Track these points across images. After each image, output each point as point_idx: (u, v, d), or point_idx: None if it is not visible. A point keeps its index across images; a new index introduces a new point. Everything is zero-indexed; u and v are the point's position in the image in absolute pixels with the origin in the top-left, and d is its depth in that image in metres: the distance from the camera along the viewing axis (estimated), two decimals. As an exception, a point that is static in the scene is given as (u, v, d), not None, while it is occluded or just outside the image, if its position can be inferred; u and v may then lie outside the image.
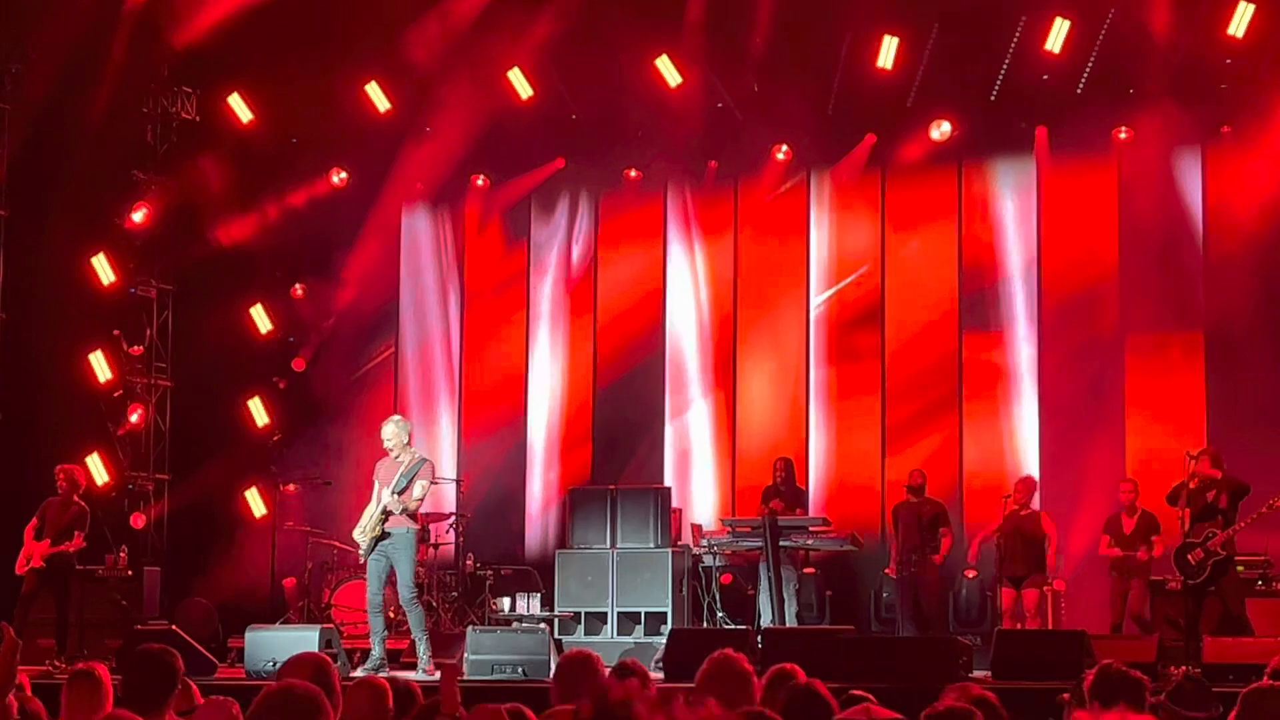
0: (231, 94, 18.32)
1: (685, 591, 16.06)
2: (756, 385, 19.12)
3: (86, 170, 17.16)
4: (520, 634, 13.78)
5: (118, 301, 18.23)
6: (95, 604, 16.05)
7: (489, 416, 19.76)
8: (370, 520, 13.32)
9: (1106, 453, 17.28)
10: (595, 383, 19.54)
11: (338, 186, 19.41)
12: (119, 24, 17.13)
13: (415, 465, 13.35)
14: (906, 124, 18.23)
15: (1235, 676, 11.55)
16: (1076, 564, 16.55)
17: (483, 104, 18.24)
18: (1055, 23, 16.65)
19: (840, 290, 18.89)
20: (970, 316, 18.43)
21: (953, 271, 18.53)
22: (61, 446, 16.52)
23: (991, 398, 18.30)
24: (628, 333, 19.52)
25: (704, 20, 17.20)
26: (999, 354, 18.37)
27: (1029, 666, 12.17)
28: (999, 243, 18.51)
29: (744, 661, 6.25)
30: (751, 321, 19.19)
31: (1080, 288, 18.03)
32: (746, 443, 18.91)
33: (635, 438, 19.28)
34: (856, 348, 18.80)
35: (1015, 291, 18.35)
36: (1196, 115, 17.38)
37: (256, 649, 13.52)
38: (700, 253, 19.43)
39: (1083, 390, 17.81)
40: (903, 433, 18.37)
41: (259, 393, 19.31)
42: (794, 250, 19.10)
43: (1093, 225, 18.07)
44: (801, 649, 12.74)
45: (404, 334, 20.06)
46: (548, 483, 19.30)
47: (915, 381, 18.48)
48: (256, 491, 18.97)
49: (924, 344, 18.53)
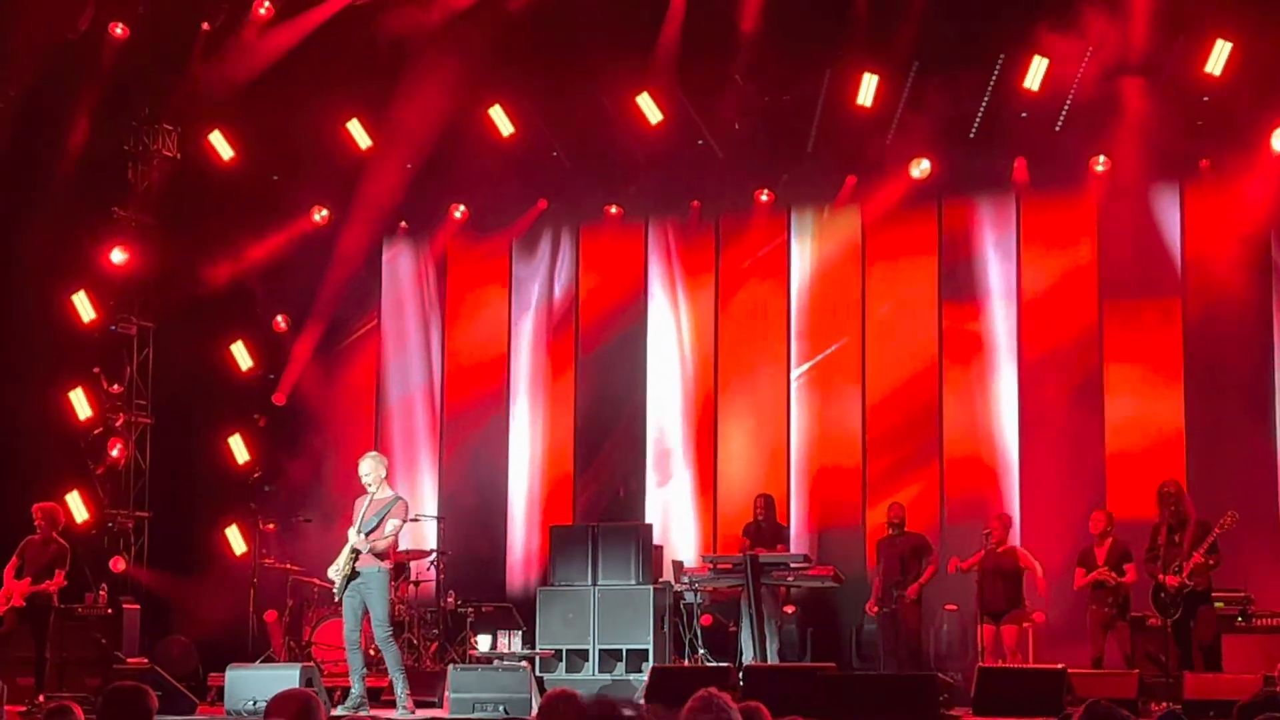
0: (212, 131, 18.36)
1: (667, 628, 16.03)
2: (737, 429, 19.09)
3: (66, 207, 17.16)
4: (502, 672, 13.74)
5: (98, 339, 18.21)
6: (75, 642, 15.97)
7: (470, 451, 19.72)
8: (342, 559, 13.30)
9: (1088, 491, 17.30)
10: (576, 420, 19.52)
11: (319, 224, 19.44)
12: (100, 60, 17.18)
13: (388, 504, 13.34)
14: (886, 162, 18.24)
15: (1216, 713, 11.61)
16: (1055, 597, 16.57)
17: (464, 140, 18.32)
18: (1034, 60, 16.74)
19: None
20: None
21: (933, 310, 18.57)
22: (41, 484, 16.46)
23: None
24: (610, 366, 19.51)
25: (682, 56, 17.29)
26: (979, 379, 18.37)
27: (1010, 703, 12.18)
28: (980, 279, 18.53)
29: (728, 700, 6.24)
30: (732, 370, 19.18)
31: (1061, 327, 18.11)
32: (727, 483, 18.92)
33: (617, 475, 19.27)
34: (840, 393, 18.79)
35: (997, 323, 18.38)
36: (1175, 150, 17.43)
37: (237, 687, 13.48)
38: (682, 292, 19.42)
39: (1062, 413, 17.85)
40: (883, 474, 18.38)
41: (239, 430, 19.29)
42: (776, 297, 19.10)
43: (1071, 264, 18.13)
44: (783, 686, 12.77)
45: (385, 368, 20.02)
46: (529, 520, 19.26)
47: (895, 432, 18.47)
48: (237, 529, 18.94)
49: (906, 393, 18.53)
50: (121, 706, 6.30)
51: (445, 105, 17.59)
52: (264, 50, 17.48)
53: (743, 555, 15.76)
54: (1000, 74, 17.24)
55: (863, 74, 17.18)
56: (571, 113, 18.33)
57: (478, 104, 18.02)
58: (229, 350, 19.29)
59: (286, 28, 17.53)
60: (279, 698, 6.39)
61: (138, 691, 6.36)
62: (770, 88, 17.98)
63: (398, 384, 20.03)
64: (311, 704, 6.25)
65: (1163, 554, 14.19)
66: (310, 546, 17.90)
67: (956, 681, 13.94)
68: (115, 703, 6.33)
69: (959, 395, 18.34)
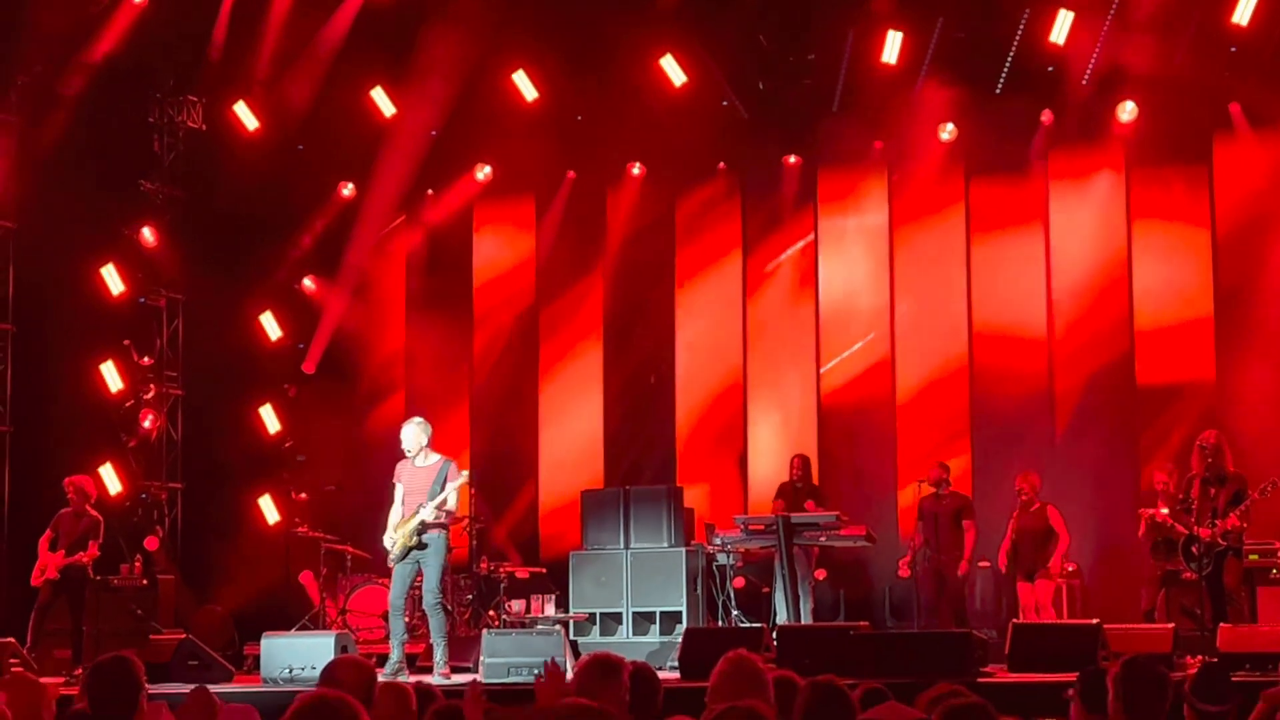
0: (237, 102, 18.35)
1: (700, 590, 16.04)
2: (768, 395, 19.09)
3: (94, 181, 17.19)
4: (536, 636, 13.77)
5: (127, 311, 18.27)
6: (111, 614, 16.06)
7: (500, 421, 19.73)
8: (407, 530, 13.32)
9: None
10: (605, 384, 19.52)
11: (346, 198, 19.44)
12: (125, 34, 17.17)
13: (440, 469, 13.38)
14: (913, 124, 18.14)
15: (1251, 665, 11.60)
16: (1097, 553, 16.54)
17: (489, 106, 18.29)
18: (1059, 14, 16.67)
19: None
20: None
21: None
22: (73, 457, 16.55)
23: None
24: (637, 335, 19.51)
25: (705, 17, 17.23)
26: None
27: (1044, 659, 12.17)
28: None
29: (758, 661, 6.26)
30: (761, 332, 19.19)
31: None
32: (759, 444, 18.93)
33: (647, 440, 19.27)
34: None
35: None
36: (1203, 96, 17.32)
37: (273, 656, 13.55)
38: (711, 254, 19.39)
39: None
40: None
41: (270, 400, 19.33)
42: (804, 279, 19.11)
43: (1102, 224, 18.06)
44: (816, 646, 12.78)
45: (413, 335, 20.00)
46: (560, 485, 19.23)
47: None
48: (269, 498, 19.00)
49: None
50: (109, 680, 6.23)
51: (468, 71, 17.57)
52: (286, 19, 17.46)
53: (774, 516, 15.74)
54: (1025, 27, 17.15)
55: (887, 31, 17.10)
56: (596, 77, 18.25)
57: (501, 69, 17.97)
58: (258, 320, 19.33)
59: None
60: (336, 664, 6.42)
61: (123, 663, 6.24)
62: (795, 47, 17.90)
63: (426, 350, 19.98)
64: (374, 676, 6.31)
65: (1196, 506, 14.12)
66: (342, 514, 17.97)
67: (991, 638, 13.93)
68: (102, 676, 6.25)
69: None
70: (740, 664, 6.18)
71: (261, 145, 18.42)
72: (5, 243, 17.39)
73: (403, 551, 13.38)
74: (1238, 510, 13.79)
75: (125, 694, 6.13)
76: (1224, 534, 13.82)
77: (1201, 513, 14.03)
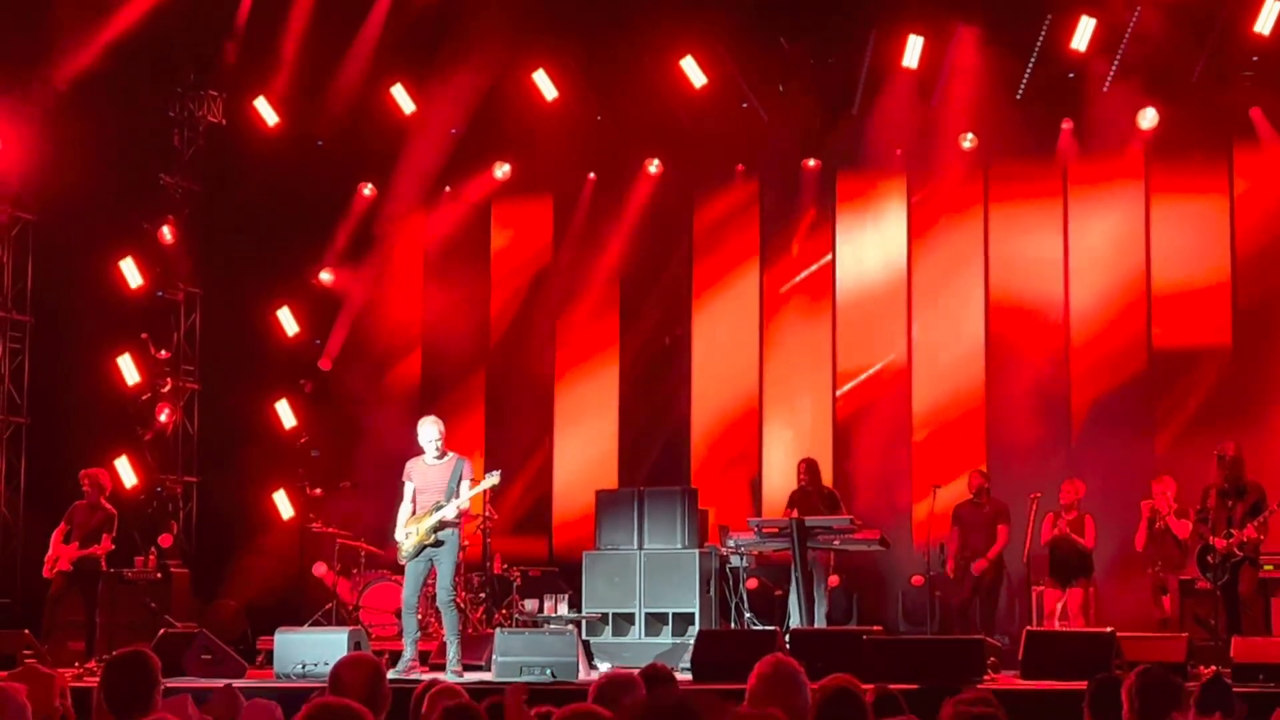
0: (257, 97, 18.37)
1: (713, 592, 16.03)
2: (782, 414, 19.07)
3: (113, 174, 17.22)
4: (548, 635, 13.76)
5: (145, 305, 18.31)
6: (125, 607, 16.11)
7: (516, 418, 19.71)
8: (424, 526, 13.31)
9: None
10: (621, 385, 19.51)
11: (367, 197, 19.46)
12: (146, 28, 17.19)
13: (456, 467, 13.39)
14: (933, 130, 18.10)
15: (1265, 676, 11.55)
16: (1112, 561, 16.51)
17: (509, 105, 18.29)
18: (1081, 21, 16.64)
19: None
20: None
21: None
22: (89, 449, 16.59)
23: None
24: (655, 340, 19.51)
25: (726, 18, 17.21)
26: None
27: (1057, 667, 12.13)
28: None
29: (795, 664, 6.19)
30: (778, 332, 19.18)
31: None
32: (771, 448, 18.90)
33: (662, 441, 19.25)
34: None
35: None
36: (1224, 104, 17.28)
37: (286, 650, 13.54)
38: (728, 256, 19.36)
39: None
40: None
41: (286, 395, 19.35)
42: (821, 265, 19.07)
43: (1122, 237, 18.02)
44: (829, 649, 12.76)
45: (429, 333, 19.99)
46: (575, 484, 19.22)
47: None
48: (284, 493, 19.02)
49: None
50: (126, 675, 6.24)
51: (489, 70, 17.57)
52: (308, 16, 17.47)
53: (789, 520, 15.71)
54: (1047, 35, 17.12)
55: (908, 35, 17.08)
56: (616, 78, 18.25)
57: (521, 68, 17.98)
58: (275, 316, 19.34)
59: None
60: (346, 662, 6.38)
61: (140, 657, 6.26)
62: (815, 50, 17.88)
63: (442, 348, 19.97)
64: (379, 671, 6.27)
65: (1212, 516, 14.08)
66: (355, 511, 17.96)
67: (1004, 645, 13.90)
68: (120, 669, 6.26)
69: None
70: (779, 667, 6.13)
71: (281, 141, 18.45)
72: (24, 235, 17.45)
73: (417, 548, 13.37)
74: (1255, 521, 13.75)
75: (141, 689, 6.14)
76: (1240, 544, 13.78)
77: (1218, 523, 14.01)
